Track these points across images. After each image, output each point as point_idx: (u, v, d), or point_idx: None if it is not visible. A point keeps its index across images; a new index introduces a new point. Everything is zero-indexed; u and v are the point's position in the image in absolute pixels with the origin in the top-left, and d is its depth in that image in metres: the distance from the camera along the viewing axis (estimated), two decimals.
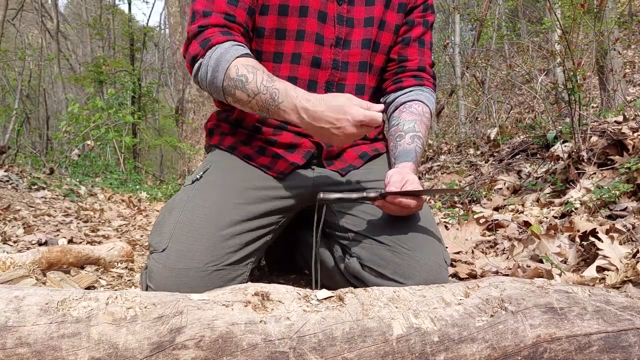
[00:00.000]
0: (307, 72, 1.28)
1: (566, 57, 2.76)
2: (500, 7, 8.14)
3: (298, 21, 1.25)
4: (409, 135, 1.27)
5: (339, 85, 1.31)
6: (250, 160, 1.31)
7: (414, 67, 1.37)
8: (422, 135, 1.29)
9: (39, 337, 0.66)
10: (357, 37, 1.30)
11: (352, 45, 1.30)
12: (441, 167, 4.28)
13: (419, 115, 1.31)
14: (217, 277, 1.13)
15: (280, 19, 1.25)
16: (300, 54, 1.27)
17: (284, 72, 1.28)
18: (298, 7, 1.24)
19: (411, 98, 1.34)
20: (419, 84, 1.37)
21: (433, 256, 1.14)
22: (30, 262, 1.45)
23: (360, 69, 1.32)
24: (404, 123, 1.30)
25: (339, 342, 0.73)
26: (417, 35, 1.37)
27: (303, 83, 1.28)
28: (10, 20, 10.95)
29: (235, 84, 1.13)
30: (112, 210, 3.54)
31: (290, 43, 1.26)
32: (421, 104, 1.33)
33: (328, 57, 1.28)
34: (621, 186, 2.02)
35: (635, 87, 6.12)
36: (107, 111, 6.76)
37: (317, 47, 1.27)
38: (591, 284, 1.35)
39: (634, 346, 0.79)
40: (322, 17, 1.26)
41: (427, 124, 1.33)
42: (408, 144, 1.26)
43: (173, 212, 1.20)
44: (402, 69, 1.38)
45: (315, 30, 1.26)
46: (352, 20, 1.29)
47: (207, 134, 1.44)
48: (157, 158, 15.41)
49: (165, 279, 1.11)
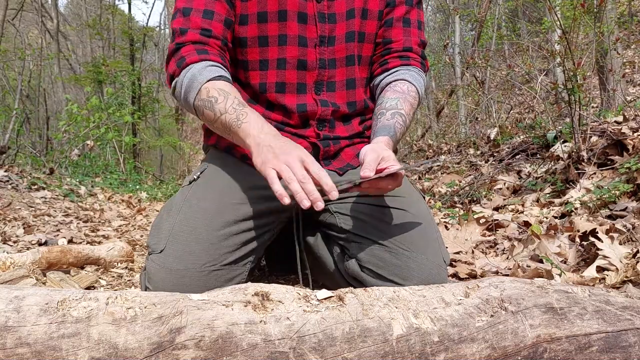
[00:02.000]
0: (295, 75, 1.27)
1: (566, 57, 2.76)
2: (500, 7, 8.14)
3: (278, 26, 1.24)
4: (390, 112, 1.25)
5: (329, 83, 1.30)
6: (246, 160, 1.31)
7: (399, 48, 1.34)
8: (404, 113, 1.25)
9: (39, 337, 0.66)
10: (341, 31, 1.28)
11: (336, 41, 1.28)
12: (441, 167, 4.28)
13: (403, 93, 1.28)
14: (215, 278, 1.13)
15: (260, 27, 1.25)
16: (285, 59, 1.26)
17: (272, 78, 1.27)
18: (276, 12, 1.23)
19: (396, 78, 1.31)
20: (404, 63, 1.34)
21: (432, 256, 1.14)
22: (30, 262, 1.45)
23: (348, 63, 1.30)
24: (387, 101, 1.28)
25: (339, 342, 0.73)
26: (399, 15, 1.34)
27: (292, 87, 1.28)
28: (10, 20, 10.95)
29: (204, 104, 1.14)
30: (112, 210, 3.54)
31: (273, 49, 1.26)
32: (406, 83, 1.30)
33: (313, 57, 1.27)
34: (621, 186, 2.02)
35: (635, 87, 6.12)
36: (106, 111, 6.76)
37: (301, 49, 1.26)
38: (591, 284, 1.35)
39: (634, 346, 0.79)
40: (303, 18, 1.25)
41: (412, 102, 1.29)
42: (387, 119, 1.23)
43: (170, 213, 1.20)
44: (387, 51, 1.35)
45: (297, 32, 1.25)
46: (334, 15, 1.27)
47: (205, 134, 1.44)
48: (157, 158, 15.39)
49: (163, 280, 1.11)
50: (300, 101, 1.28)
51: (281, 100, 1.28)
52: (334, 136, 1.32)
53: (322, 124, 1.31)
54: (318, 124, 1.30)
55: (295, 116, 1.28)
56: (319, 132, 1.30)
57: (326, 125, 1.31)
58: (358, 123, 1.36)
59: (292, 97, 1.28)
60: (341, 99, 1.31)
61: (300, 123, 1.30)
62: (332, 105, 1.29)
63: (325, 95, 1.29)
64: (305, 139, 1.30)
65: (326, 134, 1.31)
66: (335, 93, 1.30)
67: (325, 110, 1.29)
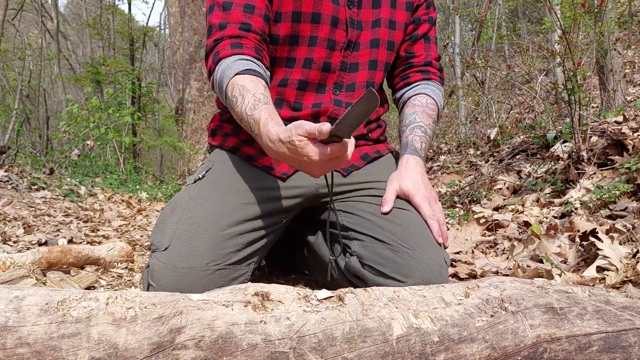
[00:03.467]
0: (318, 76, 1.30)
1: (566, 57, 2.76)
2: (500, 7, 8.14)
3: (311, 27, 1.26)
4: (409, 128, 1.34)
5: (349, 85, 1.34)
6: (252, 161, 1.31)
7: (421, 63, 1.42)
8: (423, 124, 1.33)
9: (39, 337, 0.66)
10: (366, 38, 1.32)
11: (361, 47, 1.32)
12: (441, 167, 4.28)
13: (422, 106, 1.37)
14: (219, 277, 1.13)
15: (294, 26, 1.26)
16: (312, 59, 1.29)
17: (296, 75, 1.30)
18: (311, 14, 1.26)
19: (416, 92, 1.40)
20: (425, 78, 1.42)
21: (433, 256, 1.14)
22: (30, 262, 1.45)
23: (371, 67, 1.35)
24: (407, 117, 1.37)
25: (339, 342, 0.73)
26: (423, 32, 1.42)
27: (313, 87, 1.31)
28: (10, 20, 10.95)
29: (230, 104, 1.15)
30: (112, 211, 3.54)
31: (302, 49, 1.28)
32: (425, 96, 1.38)
33: (337, 60, 1.31)
34: (621, 186, 2.02)
35: (635, 87, 6.12)
36: (105, 111, 6.75)
37: (328, 52, 1.29)
38: (591, 284, 1.35)
39: (634, 346, 0.79)
40: (335, 22, 1.28)
41: (431, 114, 1.37)
42: (406, 136, 1.33)
43: (175, 211, 1.20)
44: (409, 65, 1.43)
45: (327, 35, 1.28)
46: (361, 23, 1.31)
47: (210, 134, 1.45)
48: (157, 158, 15.39)
49: (167, 277, 1.11)
50: (317, 100, 1.32)
51: (300, 97, 1.31)
52: None
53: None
54: (328, 122, 1.31)
55: (307, 111, 1.30)
56: None
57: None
58: (364, 126, 1.39)
59: (311, 95, 1.32)
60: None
61: (310, 119, 1.31)
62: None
63: (343, 95, 1.33)
64: None
65: None
66: (355, 93, 1.35)
67: (337, 110, 1.32)
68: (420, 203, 1.21)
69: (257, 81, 1.14)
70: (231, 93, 1.13)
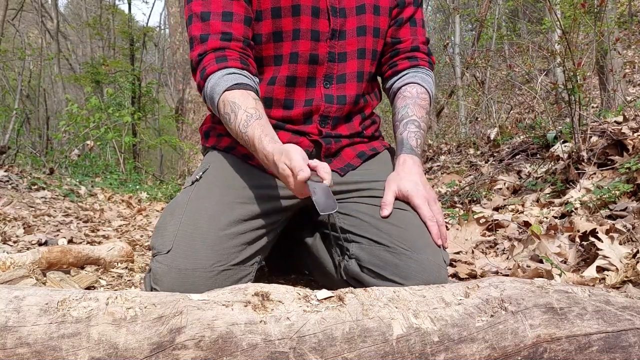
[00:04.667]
0: (306, 69, 1.28)
1: (566, 57, 2.76)
2: (500, 7, 8.14)
3: (292, 20, 1.25)
4: (402, 123, 1.31)
5: (339, 76, 1.31)
6: (248, 160, 1.31)
7: (408, 48, 1.39)
8: (417, 118, 1.31)
9: (39, 337, 0.66)
10: (352, 25, 1.30)
11: (347, 35, 1.29)
12: (441, 167, 4.28)
13: (412, 97, 1.33)
14: (224, 278, 1.12)
15: (275, 22, 1.25)
16: (297, 53, 1.27)
17: (284, 72, 1.28)
18: (290, 7, 1.24)
19: (405, 81, 1.36)
20: (413, 64, 1.38)
21: (432, 256, 1.14)
22: (30, 262, 1.45)
23: (360, 56, 1.32)
24: (399, 111, 1.34)
25: (339, 342, 0.73)
26: (408, 16, 1.38)
27: (302, 81, 1.29)
28: (10, 20, 10.95)
29: (225, 122, 1.19)
30: (112, 211, 3.54)
31: (287, 44, 1.26)
32: (415, 85, 1.35)
33: (324, 51, 1.28)
34: (621, 186, 2.02)
35: (635, 87, 6.12)
36: (105, 111, 6.75)
37: (313, 43, 1.27)
38: (591, 284, 1.35)
39: (634, 346, 0.79)
40: (316, 12, 1.26)
41: (423, 104, 1.34)
42: (400, 133, 1.31)
43: (175, 213, 1.19)
44: (395, 51, 1.39)
45: (309, 27, 1.26)
46: (344, 10, 1.29)
47: (203, 136, 1.44)
48: (157, 158, 15.38)
49: (172, 280, 1.10)
50: (308, 96, 1.30)
51: (290, 94, 1.29)
52: (335, 134, 1.33)
53: (325, 121, 1.32)
54: (321, 120, 1.31)
55: (299, 110, 1.29)
56: (321, 129, 1.31)
57: (329, 122, 1.32)
58: (359, 123, 1.37)
59: (301, 91, 1.30)
60: (351, 90, 1.32)
61: (302, 118, 1.30)
62: (337, 102, 1.30)
63: (334, 89, 1.31)
64: (307, 136, 1.30)
65: (328, 132, 1.31)
66: (346, 84, 1.32)
67: (329, 107, 1.30)
68: (420, 204, 1.20)
69: (247, 95, 1.16)
70: (223, 110, 1.16)
